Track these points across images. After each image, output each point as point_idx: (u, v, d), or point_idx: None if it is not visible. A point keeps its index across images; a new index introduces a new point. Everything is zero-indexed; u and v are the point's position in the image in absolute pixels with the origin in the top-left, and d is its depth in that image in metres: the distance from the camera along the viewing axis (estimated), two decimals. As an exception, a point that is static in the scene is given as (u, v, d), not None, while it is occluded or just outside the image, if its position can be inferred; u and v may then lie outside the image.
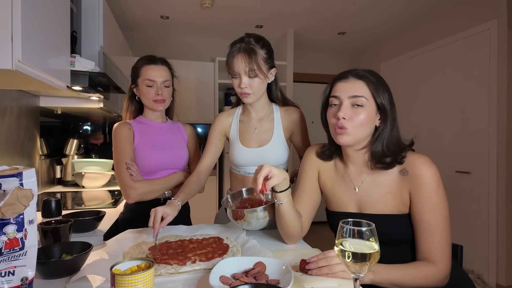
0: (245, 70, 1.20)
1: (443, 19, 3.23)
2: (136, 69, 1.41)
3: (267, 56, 1.23)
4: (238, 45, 1.22)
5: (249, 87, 1.22)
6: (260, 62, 1.20)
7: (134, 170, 1.34)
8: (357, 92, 0.94)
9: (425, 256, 0.91)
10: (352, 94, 0.94)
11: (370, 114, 0.94)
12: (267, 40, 1.27)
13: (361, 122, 0.93)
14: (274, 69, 1.29)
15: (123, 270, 0.68)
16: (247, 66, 1.19)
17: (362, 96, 0.93)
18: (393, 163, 0.95)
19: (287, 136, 1.34)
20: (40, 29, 1.12)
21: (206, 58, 4.22)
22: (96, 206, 1.79)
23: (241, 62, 1.19)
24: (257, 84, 1.23)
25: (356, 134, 0.94)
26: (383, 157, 0.95)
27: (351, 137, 0.95)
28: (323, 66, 4.77)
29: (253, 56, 1.18)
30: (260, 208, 1.08)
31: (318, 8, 3.27)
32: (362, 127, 0.94)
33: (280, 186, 0.94)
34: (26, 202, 0.66)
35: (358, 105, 0.93)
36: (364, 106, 0.93)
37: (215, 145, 1.39)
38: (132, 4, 3.20)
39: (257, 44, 1.21)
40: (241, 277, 0.77)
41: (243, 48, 1.20)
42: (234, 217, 1.12)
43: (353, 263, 0.64)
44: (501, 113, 2.67)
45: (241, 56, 1.19)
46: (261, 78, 1.22)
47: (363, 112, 0.93)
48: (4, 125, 1.69)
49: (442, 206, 0.91)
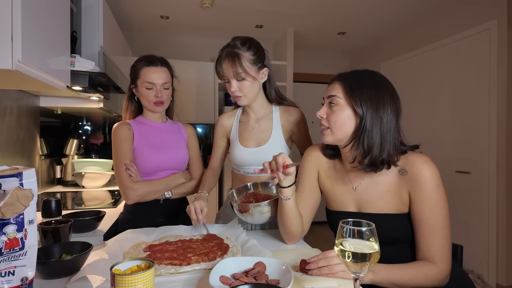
0: (231, 75, 1.22)
1: (443, 19, 3.23)
2: (136, 70, 1.40)
3: (254, 58, 1.23)
4: (224, 50, 1.24)
5: (239, 90, 1.24)
6: (245, 65, 1.21)
7: (134, 171, 1.34)
8: (332, 92, 0.97)
9: (425, 255, 0.91)
10: (328, 94, 0.98)
11: (347, 113, 0.94)
12: (255, 41, 1.27)
13: (335, 120, 0.96)
14: (265, 68, 1.28)
15: (123, 270, 0.68)
16: (232, 70, 1.21)
17: (335, 95, 0.96)
18: (376, 165, 0.92)
19: (287, 136, 1.34)
20: (40, 29, 1.12)
21: (206, 58, 4.22)
22: (96, 206, 1.79)
23: (227, 67, 1.22)
24: (247, 87, 1.24)
25: (336, 133, 0.97)
26: (364, 157, 0.93)
27: (332, 136, 0.98)
28: (323, 66, 4.77)
29: (236, 60, 1.20)
30: (265, 203, 1.14)
31: (318, 8, 3.27)
32: (338, 125, 0.95)
33: (288, 180, 0.96)
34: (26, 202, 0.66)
35: (333, 103, 0.97)
36: (338, 105, 0.96)
37: (220, 145, 1.47)
38: (132, 4, 3.20)
39: (243, 47, 1.22)
40: (241, 277, 0.77)
41: (228, 53, 1.22)
42: (240, 211, 1.19)
43: (353, 263, 0.64)
44: (501, 113, 2.67)
45: (226, 61, 1.22)
46: (249, 80, 1.23)
47: (337, 110, 0.96)
48: (4, 125, 1.69)
49: (442, 206, 0.91)
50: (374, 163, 0.93)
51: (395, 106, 0.94)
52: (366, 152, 0.93)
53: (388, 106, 0.93)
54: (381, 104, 0.92)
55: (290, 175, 0.95)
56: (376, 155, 0.92)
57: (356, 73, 0.98)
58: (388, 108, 0.93)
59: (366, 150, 0.93)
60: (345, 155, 1.02)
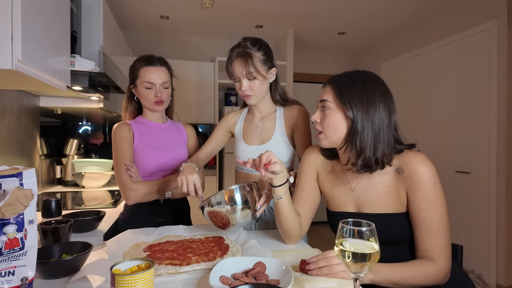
0: (243, 74, 1.25)
1: (443, 19, 3.23)
2: (135, 70, 1.40)
3: (264, 58, 1.26)
4: (235, 50, 1.26)
5: (250, 89, 1.27)
6: (257, 65, 1.24)
7: (134, 171, 1.34)
8: (323, 96, 0.99)
9: (424, 254, 0.91)
10: (320, 99, 1.00)
11: (338, 116, 0.95)
12: (264, 42, 1.30)
13: (328, 124, 0.97)
14: (274, 68, 1.31)
15: (123, 270, 0.68)
16: (244, 70, 1.24)
17: (326, 100, 0.97)
18: (369, 166, 0.92)
19: (289, 134, 1.35)
20: (40, 29, 1.12)
21: (206, 58, 4.22)
22: (96, 206, 1.79)
23: (239, 66, 1.24)
24: (258, 86, 1.27)
25: (330, 136, 0.98)
26: (357, 158, 0.94)
27: (327, 140, 0.99)
28: (323, 66, 4.77)
29: (249, 60, 1.23)
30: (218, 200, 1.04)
31: (318, 8, 3.27)
32: (331, 128, 0.96)
33: (278, 179, 0.96)
34: (26, 202, 0.66)
35: (325, 108, 0.98)
36: (330, 109, 0.97)
37: (218, 138, 1.46)
38: (132, 4, 3.20)
39: (253, 47, 1.25)
40: (241, 277, 0.77)
41: (240, 53, 1.25)
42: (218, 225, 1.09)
43: (353, 263, 0.64)
44: (501, 113, 2.67)
45: (238, 61, 1.24)
46: (260, 80, 1.26)
47: (329, 114, 0.97)
48: (4, 125, 1.69)
49: (440, 204, 0.91)
50: (367, 164, 0.93)
51: (387, 105, 0.93)
52: (359, 153, 0.93)
53: (380, 105, 0.92)
54: (371, 105, 0.92)
55: (277, 174, 0.94)
56: (369, 156, 0.92)
57: (346, 75, 0.98)
58: (379, 108, 0.92)
59: (358, 151, 0.93)
60: (341, 156, 1.03)
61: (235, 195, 1.04)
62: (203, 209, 1.08)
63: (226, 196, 1.04)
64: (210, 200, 1.05)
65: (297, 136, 1.34)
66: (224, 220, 1.06)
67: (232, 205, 1.04)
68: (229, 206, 1.03)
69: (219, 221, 1.07)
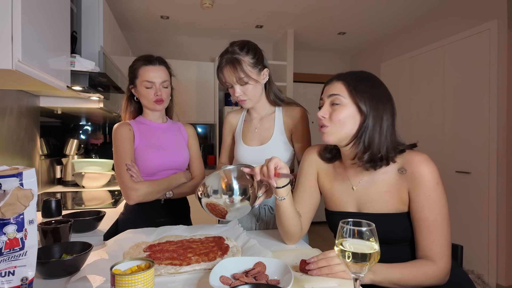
0: (234, 81, 1.24)
1: (443, 19, 3.23)
2: (134, 70, 1.40)
3: (254, 61, 1.24)
4: (224, 57, 1.25)
5: (244, 94, 1.26)
6: (247, 69, 1.22)
7: (135, 171, 1.33)
8: (334, 91, 0.97)
9: (424, 254, 0.91)
10: (329, 93, 0.98)
11: (350, 111, 0.95)
12: (252, 44, 1.28)
13: (339, 119, 0.95)
14: (266, 69, 1.30)
15: (123, 270, 0.68)
16: (235, 76, 1.23)
17: (338, 94, 0.96)
18: (375, 161, 0.94)
19: (288, 135, 1.35)
20: (40, 29, 1.12)
21: (206, 58, 4.22)
22: (96, 206, 1.79)
23: (229, 73, 1.24)
24: (251, 90, 1.26)
25: (338, 132, 0.96)
26: (363, 153, 0.95)
27: (333, 136, 0.97)
28: (323, 66, 4.77)
29: (237, 66, 1.21)
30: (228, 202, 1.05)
31: (318, 8, 3.27)
32: (341, 124, 0.95)
33: (282, 180, 0.96)
34: (26, 202, 0.66)
35: (336, 103, 0.96)
36: (341, 104, 0.95)
37: (228, 143, 1.50)
38: (132, 4, 3.20)
39: (241, 52, 1.23)
40: (241, 277, 0.77)
41: (228, 59, 1.23)
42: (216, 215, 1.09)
43: (353, 263, 0.64)
44: (501, 113, 2.67)
45: (227, 68, 1.24)
46: (252, 84, 1.25)
47: (340, 110, 0.95)
48: (4, 125, 1.69)
49: (441, 204, 0.91)
50: (373, 159, 0.94)
51: (391, 106, 0.97)
52: (366, 148, 0.94)
53: (387, 105, 0.95)
54: (380, 103, 0.95)
55: (283, 177, 0.94)
56: (375, 152, 0.93)
57: (354, 73, 1.00)
58: (387, 107, 0.95)
59: (366, 146, 0.94)
60: (345, 153, 1.03)
61: (233, 182, 1.03)
62: (200, 200, 1.07)
63: (223, 183, 1.04)
64: (207, 190, 1.05)
65: (296, 138, 1.34)
66: (220, 208, 1.05)
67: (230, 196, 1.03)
68: (226, 196, 1.03)
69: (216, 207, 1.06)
